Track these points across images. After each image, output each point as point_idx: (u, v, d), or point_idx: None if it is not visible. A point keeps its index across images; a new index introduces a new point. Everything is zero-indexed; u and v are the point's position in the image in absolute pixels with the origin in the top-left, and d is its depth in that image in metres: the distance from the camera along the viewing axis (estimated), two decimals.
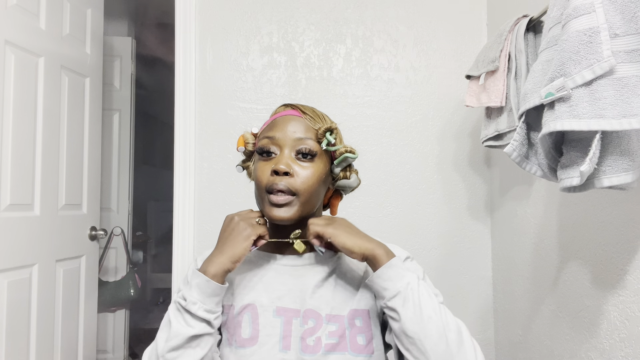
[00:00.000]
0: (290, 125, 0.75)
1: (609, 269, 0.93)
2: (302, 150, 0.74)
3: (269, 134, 0.76)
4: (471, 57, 1.58)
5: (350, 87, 1.61)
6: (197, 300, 0.68)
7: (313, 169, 0.74)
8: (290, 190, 0.72)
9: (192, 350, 0.67)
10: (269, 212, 0.73)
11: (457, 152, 1.61)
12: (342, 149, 0.77)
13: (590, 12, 0.71)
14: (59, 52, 1.70)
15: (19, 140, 1.49)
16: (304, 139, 0.74)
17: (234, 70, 1.62)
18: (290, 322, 0.74)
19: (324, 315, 0.74)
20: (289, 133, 0.75)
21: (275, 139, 0.75)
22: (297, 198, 0.73)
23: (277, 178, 0.72)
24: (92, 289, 1.96)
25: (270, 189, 0.72)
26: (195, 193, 1.58)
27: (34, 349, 1.54)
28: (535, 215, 1.26)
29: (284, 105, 0.82)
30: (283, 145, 0.74)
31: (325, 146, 0.75)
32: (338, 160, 0.78)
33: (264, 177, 0.74)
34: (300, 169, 0.74)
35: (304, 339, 0.73)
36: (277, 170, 0.72)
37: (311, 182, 0.74)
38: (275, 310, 0.75)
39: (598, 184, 0.74)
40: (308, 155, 0.74)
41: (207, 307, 0.68)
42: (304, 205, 0.74)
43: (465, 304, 1.57)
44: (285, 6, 1.63)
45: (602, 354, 0.94)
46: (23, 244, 1.52)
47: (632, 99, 0.69)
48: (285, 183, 0.72)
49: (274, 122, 0.78)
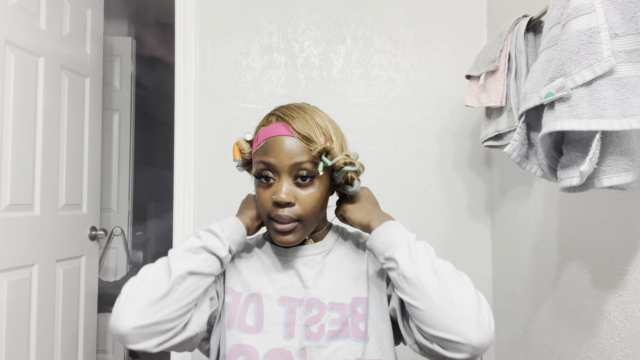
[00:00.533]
0: (285, 148, 0.73)
1: (609, 269, 0.93)
2: (300, 174, 0.74)
3: (264, 158, 0.75)
4: (471, 57, 1.58)
5: (350, 87, 1.61)
6: (224, 233, 0.75)
7: (313, 189, 0.75)
8: (293, 218, 0.74)
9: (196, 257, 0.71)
10: (275, 237, 0.77)
11: (457, 152, 1.61)
12: (340, 162, 0.75)
13: (590, 12, 0.71)
14: (59, 52, 1.70)
15: (19, 140, 1.49)
16: (300, 163, 0.73)
17: (234, 70, 1.62)
18: (294, 311, 0.77)
19: (326, 303, 0.77)
20: (285, 159, 0.73)
21: (272, 165, 0.74)
22: (300, 223, 0.75)
23: (279, 210, 0.74)
24: (92, 289, 1.96)
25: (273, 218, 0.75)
26: (195, 193, 1.58)
27: (34, 349, 1.54)
28: (535, 215, 1.26)
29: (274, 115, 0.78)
30: (280, 172, 0.74)
31: (321, 170, 0.73)
32: (339, 173, 0.77)
33: (267, 205, 0.75)
34: (300, 192, 0.74)
35: (308, 326, 0.75)
36: (278, 202, 0.73)
37: (313, 205, 0.75)
38: (280, 300, 0.78)
39: (598, 184, 0.74)
40: (307, 178, 0.74)
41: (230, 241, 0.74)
42: (308, 226, 0.77)
43: None
44: (285, 6, 1.63)
45: (602, 354, 0.94)
46: (23, 244, 1.52)
47: (632, 99, 0.69)
48: (288, 212, 0.73)
49: (267, 144, 0.75)
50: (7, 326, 1.42)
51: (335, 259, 0.82)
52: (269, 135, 0.76)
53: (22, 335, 1.49)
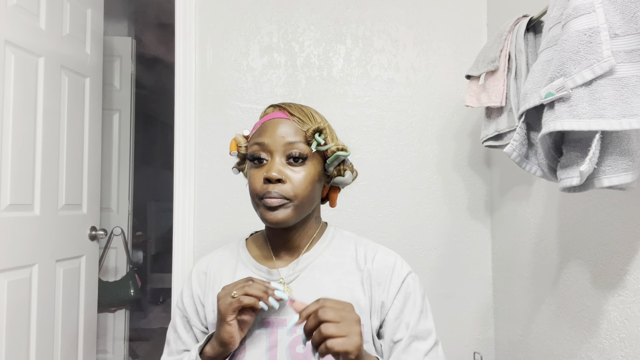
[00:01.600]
0: (279, 129, 0.74)
1: (609, 269, 0.93)
2: (292, 154, 0.73)
3: (258, 139, 0.75)
4: (471, 57, 1.58)
5: (350, 87, 1.61)
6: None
7: (305, 172, 0.74)
8: (284, 196, 0.72)
9: None
10: (265, 215, 0.73)
11: (457, 152, 1.61)
12: (333, 148, 0.76)
13: (590, 12, 0.71)
14: (59, 52, 1.70)
15: (19, 140, 1.49)
16: (293, 142, 0.74)
17: (234, 70, 1.62)
18: (275, 333, 0.73)
19: None
20: (278, 138, 0.74)
21: (265, 144, 0.74)
22: (291, 202, 0.73)
23: (269, 186, 0.72)
24: (92, 289, 1.96)
25: (263, 196, 0.72)
26: (195, 193, 1.58)
27: (34, 349, 1.54)
28: (535, 215, 1.26)
29: (272, 105, 0.81)
30: (273, 151, 0.74)
31: (315, 148, 0.74)
32: (330, 160, 0.77)
33: (257, 184, 0.74)
34: (292, 174, 0.73)
35: (293, 347, 0.73)
36: (269, 178, 0.71)
37: (304, 186, 0.73)
38: (260, 322, 0.75)
39: (598, 184, 0.74)
40: (299, 159, 0.74)
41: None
42: (299, 208, 0.74)
43: (465, 304, 1.57)
44: (285, 6, 1.63)
45: (602, 354, 0.94)
46: (23, 244, 1.52)
47: (632, 99, 0.69)
48: (278, 190, 0.72)
49: (263, 126, 0.77)
50: (7, 326, 1.42)
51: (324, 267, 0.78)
52: (265, 120, 0.77)
53: (22, 335, 1.49)
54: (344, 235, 0.85)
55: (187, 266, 1.56)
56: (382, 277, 0.77)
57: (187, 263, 1.56)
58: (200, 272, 0.84)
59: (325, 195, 0.86)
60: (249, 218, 1.55)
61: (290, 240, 0.80)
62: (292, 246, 0.80)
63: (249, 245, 0.85)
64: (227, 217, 1.56)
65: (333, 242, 0.82)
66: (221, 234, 1.56)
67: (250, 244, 0.85)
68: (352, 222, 1.57)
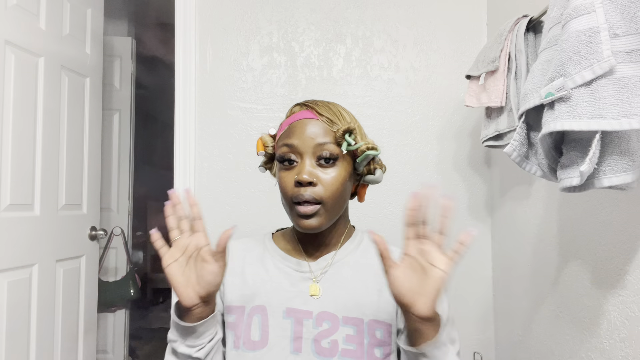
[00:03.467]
0: (308, 130, 0.73)
1: (609, 269, 0.93)
2: (323, 156, 0.72)
3: (287, 141, 0.74)
4: (471, 57, 1.58)
5: (350, 87, 1.61)
6: (177, 337, 0.68)
7: (336, 172, 0.73)
8: (315, 199, 0.71)
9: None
10: (298, 222, 0.73)
11: (457, 152, 1.61)
12: (363, 147, 0.75)
13: (590, 12, 0.71)
14: (59, 52, 1.70)
15: (19, 140, 1.49)
16: (323, 144, 0.72)
17: (234, 70, 1.62)
18: (300, 324, 0.73)
19: (340, 317, 0.73)
20: (308, 140, 0.73)
21: (295, 146, 0.73)
22: (322, 206, 0.72)
23: (301, 189, 0.71)
24: (92, 289, 1.96)
25: (296, 199, 0.72)
26: (195, 193, 1.58)
27: (34, 349, 1.54)
28: (535, 215, 1.26)
29: (299, 104, 0.79)
30: (303, 153, 0.73)
31: (345, 149, 0.73)
32: (360, 159, 0.76)
33: (288, 187, 0.73)
34: (323, 175, 0.72)
35: (318, 341, 0.72)
36: (300, 181, 0.71)
37: (335, 187, 0.73)
38: (285, 312, 0.74)
39: (598, 184, 0.74)
40: (330, 160, 0.73)
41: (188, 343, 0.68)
42: (331, 211, 0.73)
43: (465, 304, 1.57)
44: (285, 6, 1.63)
45: (602, 354, 0.94)
46: (23, 244, 1.52)
47: (632, 99, 0.69)
48: (310, 193, 0.71)
49: (291, 127, 0.75)
50: (7, 326, 1.42)
51: (353, 267, 0.78)
52: (293, 120, 0.76)
53: (22, 335, 1.49)
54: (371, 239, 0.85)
55: None
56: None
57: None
58: None
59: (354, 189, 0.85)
60: (249, 218, 1.55)
61: (320, 238, 0.79)
62: (321, 244, 0.80)
63: (275, 239, 0.84)
64: (227, 217, 1.56)
65: (362, 244, 0.82)
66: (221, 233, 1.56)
67: (277, 238, 0.85)
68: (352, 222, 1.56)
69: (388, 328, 0.73)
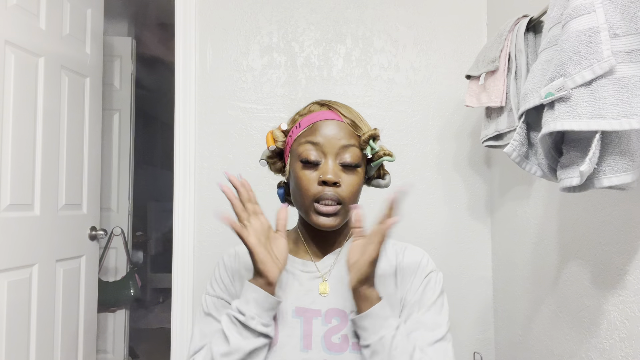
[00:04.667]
0: (333, 130, 0.75)
1: (609, 269, 0.93)
2: (347, 159, 0.74)
3: (311, 138, 0.75)
4: (471, 57, 1.58)
5: (350, 87, 1.61)
6: (254, 314, 0.68)
7: (356, 176, 0.76)
8: (338, 199, 0.73)
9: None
10: (316, 220, 0.74)
11: (457, 152, 1.61)
12: (381, 153, 0.78)
13: (590, 12, 0.71)
14: (59, 52, 1.70)
15: (19, 140, 1.49)
16: (347, 146, 0.75)
17: (234, 70, 1.62)
18: (310, 322, 0.74)
19: (349, 312, 0.74)
20: (333, 140, 0.74)
21: (320, 145, 0.74)
22: (342, 207, 0.74)
23: (326, 188, 0.73)
24: (92, 289, 1.96)
25: (319, 198, 0.73)
26: (195, 193, 1.58)
27: (34, 349, 1.54)
28: (535, 215, 1.26)
29: (318, 104, 0.80)
30: (327, 153, 0.74)
31: (370, 154, 0.76)
32: (375, 163, 0.79)
33: (312, 186, 0.73)
34: (345, 177, 0.74)
35: (328, 337, 0.73)
36: (326, 181, 0.72)
37: (355, 190, 0.75)
38: (294, 311, 0.75)
39: (598, 184, 0.74)
40: (352, 165, 0.75)
41: (265, 321, 0.68)
42: (347, 212, 0.76)
43: (465, 304, 1.57)
44: (285, 6, 1.63)
45: (602, 354, 0.94)
46: (23, 244, 1.52)
47: (632, 99, 0.69)
48: (334, 192, 0.73)
49: (315, 126, 0.76)
50: (7, 326, 1.42)
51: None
52: (317, 119, 0.77)
53: (22, 335, 1.49)
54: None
55: (187, 266, 1.56)
56: (409, 271, 0.79)
57: (187, 263, 1.56)
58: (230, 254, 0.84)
59: None
60: None
61: (328, 238, 0.81)
62: (328, 244, 0.81)
63: None
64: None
65: None
66: (221, 234, 1.56)
67: None
68: None
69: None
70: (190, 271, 1.55)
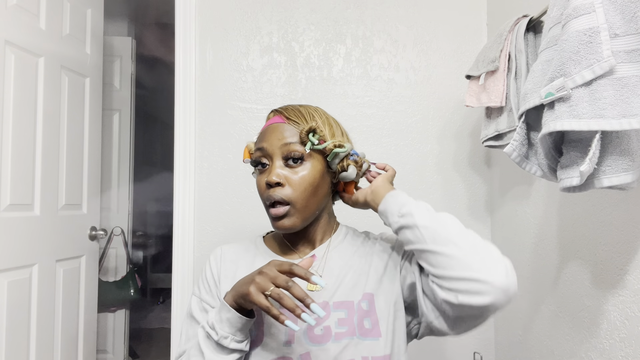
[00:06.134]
0: (276, 133, 0.77)
1: (609, 269, 0.93)
2: (289, 155, 0.76)
3: (258, 145, 0.79)
4: (471, 57, 1.58)
5: (350, 87, 1.61)
6: (228, 334, 0.68)
7: (305, 171, 0.76)
8: (285, 200, 0.75)
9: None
10: (273, 224, 0.77)
11: (457, 152, 1.61)
12: (330, 146, 0.77)
13: (590, 12, 0.71)
14: (59, 52, 1.70)
15: (19, 140, 1.49)
16: (289, 144, 0.76)
17: (234, 70, 1.62)
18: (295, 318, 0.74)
19: (331, 303, 0.76)
20: (275, 141, 0.77)
21: (264, 149, 0.77)
22: (292, 207, 0.75)
23: (270, 190, 0.75)
24: (92, 289, 1.96)
25: (268, 201, 0.76)
26: (195, 193, 1.58)
27: (34, 349, 1.54)
28: (535, 215, 1.26)
29: (273, 110, 0.84)
30: (272, 155, 0.77)
31: (309, 148, 0.76)
32: (329, 157, 0.79)
33: (261, 190, 0.78)
34: (292, 175, 0.76)
35: (311, 329, 0.74)
36: (269, 182, 0.74)
37: (304, 187, 0.76)
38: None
39: (598, 184, 0.74)
40: (298, 160, 0.76)
41: (238, 339, 0.69)
42: (303, 211, 0.76)
43: None
44: (285, 6, 1.63)
45: (602, 354, 0.94)
46: (23, 244, 1.52)
47: (632, 99, 0.69)
48: (279, 193, 0.75)
49: (262, 132, 0.80)
50: (7, 326, 1.42)
51: (340, 256, 0.82)
52: (265, 126, 0.81)
53: (22, 335, 1.49)
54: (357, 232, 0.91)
55: (187, 266, 1.56)
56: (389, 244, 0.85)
57: (187, 263, 1.56)
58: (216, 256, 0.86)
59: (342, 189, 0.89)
60: (249, 218, 1.55)
61: (305, 236, 0.83)
62: (308, 240, 0.84)
63: (266, 241, 0.88)
64: (227, 217, 1.56)
65: (347, 237, 0.87)
66: (221, 234, 1.56)
67: (268, 240, 0.89)
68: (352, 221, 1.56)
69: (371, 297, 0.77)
70: (190, 271, 1.55)
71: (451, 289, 0.65)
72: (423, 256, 0.70)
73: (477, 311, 0.64)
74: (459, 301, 0.64)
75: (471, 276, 0.63)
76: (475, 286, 0.62)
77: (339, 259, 0.81)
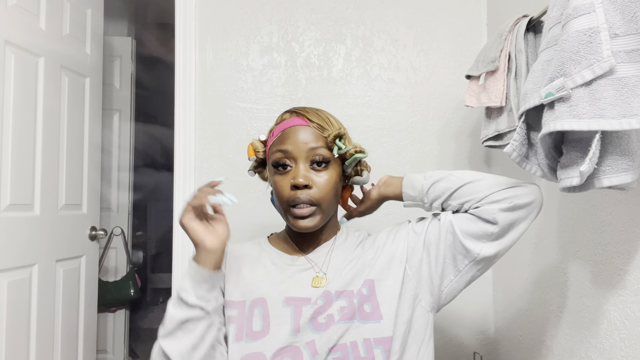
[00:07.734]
0: (300, 136, 0.79)
1: (609, 269, 0.93)
2: (316, 159, 0.79)
3: (281, 147, 0.80)
4: (471, 57, 1.58)
5: (350, 87, 1.61)
6: (189, 287, 0.71)
7: (328, 175, 0.80)
8: (312, 201, 0.77)
9: (183, 334, 0.70)
10: (295, 223, 0.79)
11: (457, 152, 1.61)
12: (351, 150, 0.81)
13: (590, 12, 0.71)
14: (59, 52, 1.70)
15: (19, 140, 1.49)
16: (316, 148, 0.79)
17: (234, 70, 1.62)
18: (300, 309, 0.77)
19: (333, 292, 0.78)
20: (301, 145, 0.79)
21: (289, 152, 0.79)
22: (318, 207, 0.78)
23: (297, 192, 0.77)
24: (92, 289, 1.96)
25: (293, 202, 0.77)
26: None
27: (34, 349, 1.54)
28: None
29: (289, 112, 0.85)
30: (297, 158, 0.79)
31: (337, 153, 0.79)
32: (349, 162, 0.82)
33: (285, 191, 0.79)
34: (317, 178, 0.79)
35: (315, 318, 0.76)
36: (297, 185, 0.76)
37: (328, 189, 0.79)
38: (285, 301, 0.78)
39: (598, 184, 0.74)
40: (322, 163, 0.79)
41: (200, 294, 0.71)
42: (325, 212, 0.80)
43: (465, 304, 1.57)
44: (285, 6, 1.63)
45: (602, 354, 0.94)
46: (23, 244, 1.52)
47: (632, 99, 0.69)
48: (306, 195, 0.77)
49: (284, 134, 0.81)
50: (7, 326, 1.42)
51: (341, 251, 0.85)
52: (285, 127, 0.82)
53: (22, 335, 1.49)
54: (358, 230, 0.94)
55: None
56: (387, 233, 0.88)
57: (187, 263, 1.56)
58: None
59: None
60: (249, 218, 1.55)
61: (313, 238, 0.86)
62: (314, 240, 0.86)
63: (271, 241, 0.90)
64: (227, 217, 1.56)
65: (349, 235, 0.89)
66: None
67: (273, 240, 0.91)
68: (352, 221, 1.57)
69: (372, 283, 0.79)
70: None
71: (502, 199, 0.77)
72: (463, 192, 0.78)
73: (525, 212, 0.78)
74: (514, 203, 0.76)
75: (513, 183, 0.78)
76: (519, 190, 0.78)
77: (342, 254, 0.84)
